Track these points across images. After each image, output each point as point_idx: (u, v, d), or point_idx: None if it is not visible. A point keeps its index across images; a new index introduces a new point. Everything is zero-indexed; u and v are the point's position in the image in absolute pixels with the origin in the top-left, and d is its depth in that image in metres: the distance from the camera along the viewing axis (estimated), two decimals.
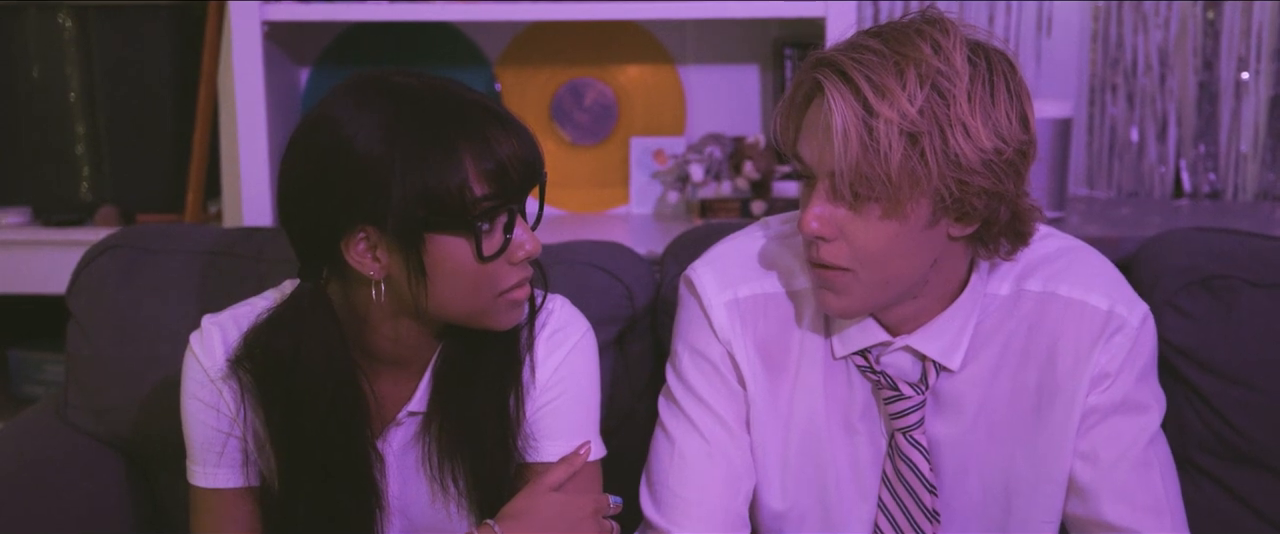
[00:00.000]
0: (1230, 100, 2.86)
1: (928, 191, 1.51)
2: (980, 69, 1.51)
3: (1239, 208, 2.80)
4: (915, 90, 1.48)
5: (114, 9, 2.75)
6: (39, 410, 2.18)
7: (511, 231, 1.56)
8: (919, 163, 1.49)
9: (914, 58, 1.49)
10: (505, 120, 1.55)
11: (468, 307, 1.58)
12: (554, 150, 2.89)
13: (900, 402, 1.68)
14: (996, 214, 1.56)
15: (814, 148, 1.55)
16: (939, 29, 1.51)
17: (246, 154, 2.59)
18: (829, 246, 1.57)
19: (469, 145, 1.51)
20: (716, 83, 2.90)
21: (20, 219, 2.81)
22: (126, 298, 2.06)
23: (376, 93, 1.54)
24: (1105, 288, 1.69)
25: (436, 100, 1.53)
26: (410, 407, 1.68)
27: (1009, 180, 1.53)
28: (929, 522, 1.70)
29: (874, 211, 1.53)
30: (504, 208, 1.55)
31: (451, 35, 2.87)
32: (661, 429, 1.74)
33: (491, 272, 1.56)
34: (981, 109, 1.50)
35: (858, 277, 1.57)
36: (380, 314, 1.61)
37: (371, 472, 1.67)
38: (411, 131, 1.50)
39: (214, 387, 1.66)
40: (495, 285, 1.57)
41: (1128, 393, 1.67)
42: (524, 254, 1.58)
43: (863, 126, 1.49)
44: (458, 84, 1.57)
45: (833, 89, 1.50)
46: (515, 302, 1.60)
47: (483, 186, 1.52)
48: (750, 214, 2.71)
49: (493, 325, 1.61)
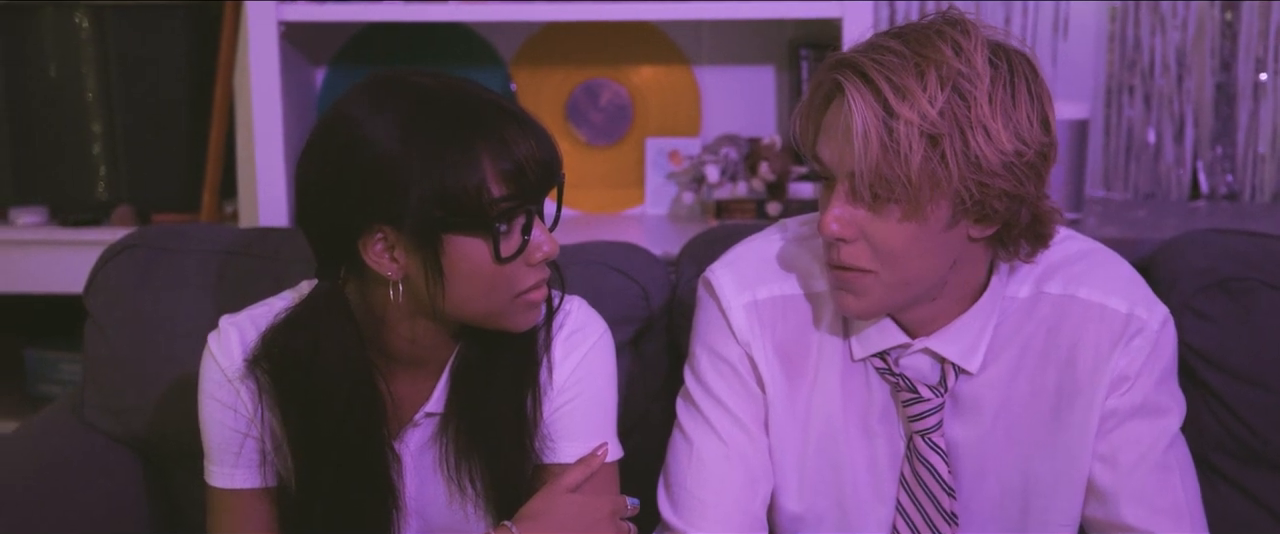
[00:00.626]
0: (1248, 101, 2.86)
1: (948, 193, 1.51)
2: (1001, 71, 1.50)
3: (1257, 209, 2.79)
4: (936, 92, 1.47)
5: (130, 8, 2.75)
6: (56, 410, 2.18)
7: (530, 233, 1.56)
8: (939, 164, 1.49)
9: (935, 59, 1.48)
10: (523, 121, 1.54)
11: (485, 307, 1.58)
12: (569, 151, 2.89)
13: (919, 404, 1.67)
14: (1017, 216, 1.56)
15: (834, 149, 1.54)
16: (960, 30, 1.51)
17: (262, 154, 2.59)
18: (849, 248, 1.56)
19: (486, 145, 1.51)
20: (732, 84, 2.90)
21: (37, 219, 2.82)
22: (143, 297, 2.06)
23: (393, 92, 1.53)
24: (1125, 291, 1.68)
25: (454, 100, 1.53)
26: (428, 408, 1.68)
27: (1030, 183, 1.52)
28: (947, 524, 1.70)
29: (894, 213, 1.53)
30: (522, 209, 1.54)
31: (466, 36, 2.87)
32: (679, 431, 1.74)
33: (509, 273, 1.56)
34: (1002, 111, 1.49)
35: (877, 278, 1.57)
36: (397, 314, 1.61)
37: (388, 472, 1.67)
38: (428, 131, 1.50)
39: (232, 387, 1.66)
40: (513, 287, 1.57)
41: (1147, 396, 1.67)
42: (541, 255, 1.57)
43: (883, 128, 1.48)
44: (474, 84, 1.57)
45: (853, 90, 1.49)
46: (532, 303, 1.60)
47: (501, 187, 1.52)
48: (766, 215, 2.71)
49: (510, 327, 1.61)
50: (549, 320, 1.69)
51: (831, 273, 1.61)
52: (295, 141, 2.62)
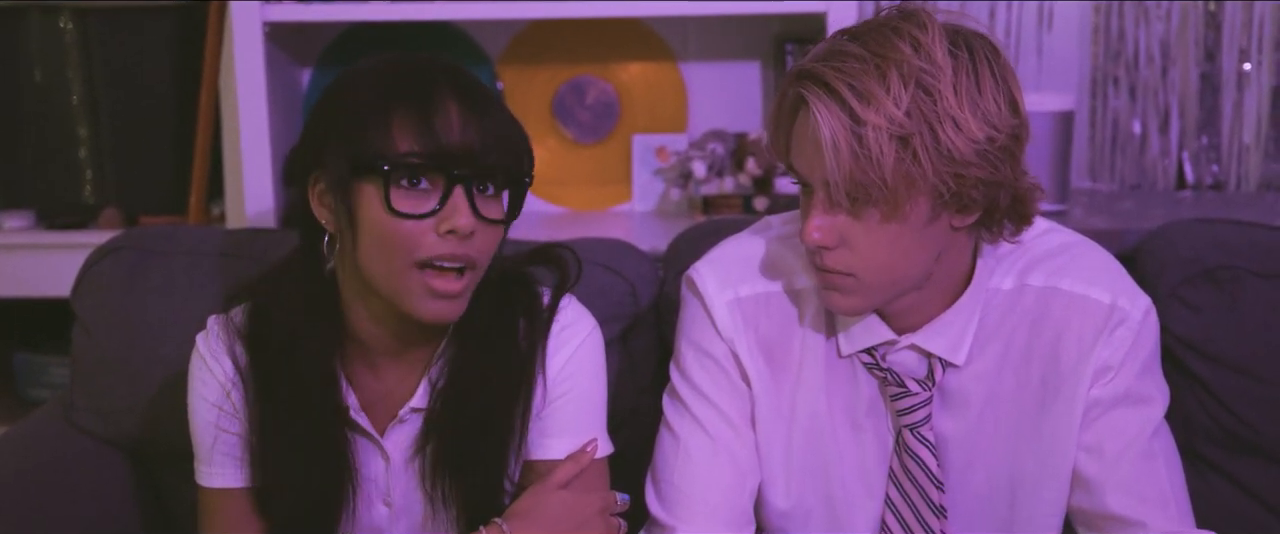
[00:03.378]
0: (1232, 91, 2.86)
1: (925, 190, 1.51)
2: (962, 59, 1.50)
3: (1242, 199, 2.79)
4: (900, 92, 1.47)
5: (115, 12, 2.75)
6: (45, 413, 2.18)
7: (445, 204, 1.54)
8: (913, 164, 1.48)
9: (894, 59, 1.48)
10: (471, 100, 1.55)
11: (385, 269, 1.56)
12: (556, 148, 2.89)
13: (907, 398, 1.68)
14: (997, 200, 1.56)
15: (805, 160, 1.55)
16: (915, 24, 1.50)
17: (249, 155, 2.58)
18: (833, 254, 1.57)
19: (407, 103, 1.54)
20: (718, 79, 2.90)
21: (24, 222, 2.81)
22: (131, 300, 2.06)
23: (362, 62, 1.61)
24: (1107, 282, 1.69)
25: (402, 62, 1.59)
26: (412, 403, 1.69)
27: (1005, 166, 1.52)
28: (936, 517, 1.70)
29: (873, 216, 1.53)
30: (434, 172, 1.53)
31: (452, 34, 2.87)
32: (666, 427, 1.75)
33: (408, 231, 1.54)
34: (969, 100, 1.49)
35: (863, 278, 1.57)
36: (351, 291, 1.63)
37: (345, 447, 1.67)
38: (361, 84, 1.57)
39: (220, 385, 1.67)
40: (411, 250, 1.54)
41: (1130, 385, 1.67)
42: (449, 226, 1.54)
43: (851, 136, 1.48)
44: (444, 60, 1.60)
45: (817, 102, 1.49)
46: (434, 290, 1.56)
47: (408, 144, 1.52)
48: (753, 210, 2.71)
49: (411, 310, 1.57)
50: (548, 320, 1.69)
51: (818, 274, 1.62)
52: (282, 142, 2.61)
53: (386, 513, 1.73)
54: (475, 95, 1.56)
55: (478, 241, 1.56)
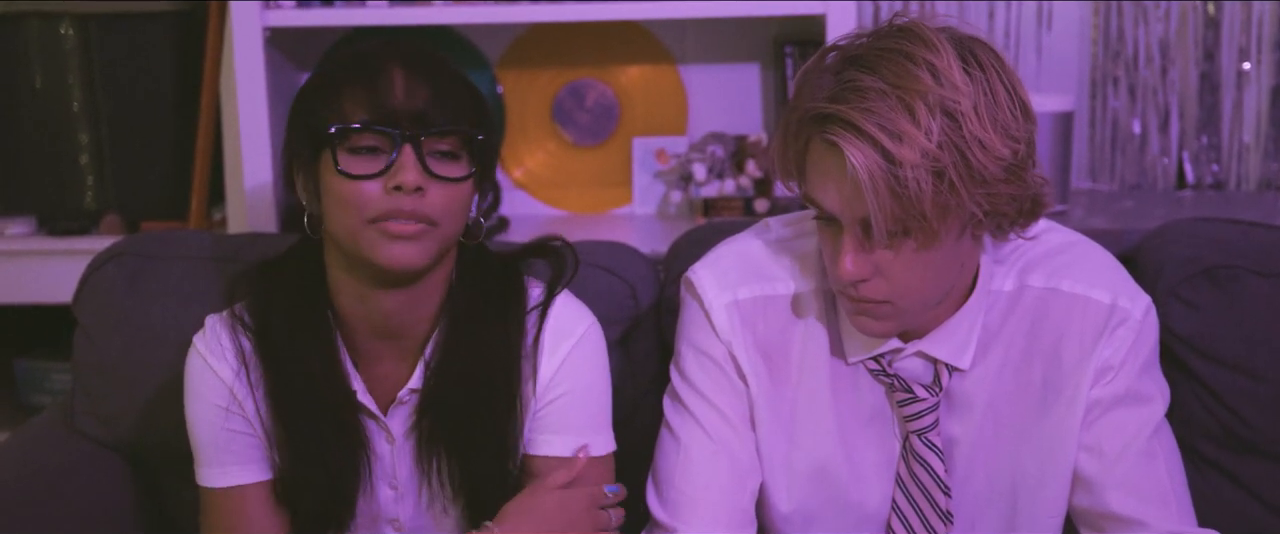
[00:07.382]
0: (1232, 91, 2.86)
1: (960, 215, 1.51)
2: (977, 77, 1.49)
3: (1242, 198, 2.80)
4: (929, 124, 1.46)
5: (115, 18, 2.75)
6: (47, 419, 2.18)
7: (393, 163, 1.59)
8: (949, 193, 1.48)
9: (918, 90, 1.46)
10: (414, 65, 1.62)
11: (344, 228, 1.61)
12: (556, 151, 2.89)
13: (915, 404, 1.68)
14: (1022, 205, 1.56)
15: (835, 198, 1.53)
16: (926, 46, 1.49)
17: (250, 160, 2.59)
18: (869, 285, 1.56)
19: (354, 75, 1.61)
20: (717, 82, 2.90)
21: (25, 229, 2.81)
22: (132, 305, 2.06)
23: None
24: (1108, 282, 1.69)
25: (356, 46, 1.69)
26: (411, 384, 1.71)
27: (1027, 173, 1.53)
28: (942, 522, 1.70)
29: (909, 246, 1.53)
30: (379, 133, 1.59)
31: (452, 38, 2.87)
32: (667, 428, 1.75)
33: (359, 191, 1.59)
34: (990, 117, 1.48)
35: (897, 304, 1.57)
36: (335, 271, 1.67)
37: (358, 422, 1.71)
38: (319, 70, 1.71)
39: (223, 385, 1.69)
40: (363, 209, 1.59)
41: (1131, 385, 1.67)
42: (395, 182, 1.58)
43: (889, 176, 1.46)
44: (398, 41, 1.67)
45: (850, 147, 1.47)
46: (388, 232, 1.59)
47: (356, 111, 1.59)
48: (753, 212, 2.72)
49: (373, 258, 1.61)
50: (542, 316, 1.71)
51: (848, 301, 1.61)
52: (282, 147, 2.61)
53: (392, 495, 1.74)
54: (420, 61, 1.62)
55: (433, 199, 1.60)
